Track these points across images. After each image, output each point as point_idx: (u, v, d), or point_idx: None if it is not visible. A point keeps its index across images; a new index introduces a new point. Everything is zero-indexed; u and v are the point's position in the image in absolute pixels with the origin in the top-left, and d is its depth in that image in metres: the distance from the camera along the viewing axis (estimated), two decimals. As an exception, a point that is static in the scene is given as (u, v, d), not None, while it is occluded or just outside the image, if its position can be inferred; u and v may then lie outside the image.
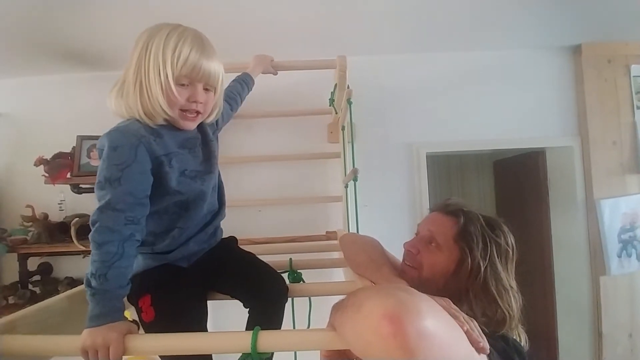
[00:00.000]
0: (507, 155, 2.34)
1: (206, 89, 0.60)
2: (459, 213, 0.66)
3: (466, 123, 1.70)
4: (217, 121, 0.72)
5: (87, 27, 1.30)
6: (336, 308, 0.43)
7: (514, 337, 0.61)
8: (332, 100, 1.46)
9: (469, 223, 0.64)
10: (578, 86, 1.70)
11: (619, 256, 1.64)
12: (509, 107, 1.70)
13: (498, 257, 0.62)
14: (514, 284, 0.63)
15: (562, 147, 1.75)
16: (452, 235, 0.65)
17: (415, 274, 0.66)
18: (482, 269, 0.61)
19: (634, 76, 1.67)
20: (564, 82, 1.72)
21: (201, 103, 0.59)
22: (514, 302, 0.61)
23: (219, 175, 0.70)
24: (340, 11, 1.30)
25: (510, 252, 0.64)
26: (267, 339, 0.45)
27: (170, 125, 0.59)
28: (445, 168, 2.93)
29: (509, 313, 0.59)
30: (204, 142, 0.66)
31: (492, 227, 0.65)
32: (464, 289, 0.61)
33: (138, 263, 0.62)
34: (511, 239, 0.65)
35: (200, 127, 0.65)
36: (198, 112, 0.60)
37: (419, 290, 0.36)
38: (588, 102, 1.67)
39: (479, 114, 1.70)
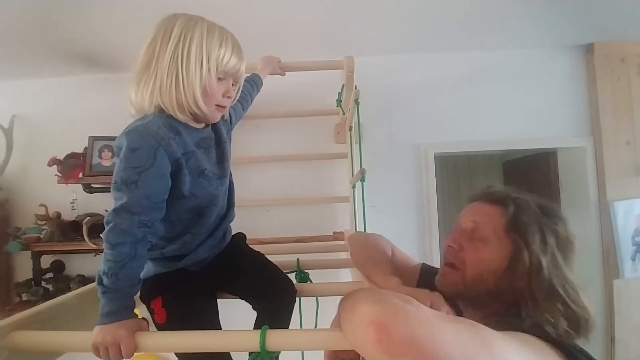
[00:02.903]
0: (517, 155, 2.31)
1: (233, 85, 0.61)
2: (506, 200, 0.57)
3: (475, 123, 1.68)
4: (230, 119, 0.73)
5: (98, 29, 1.32)
6: (341, 305, 0.44)
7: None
8: (339, 101, 1.46)
9: (520, 211, 0.55)
10: (590, 85, 1.67)
11: (633, 259, 1.60)
12: (519, 107, 1.68)
13: (559, 250, 0.53)
14: (574, 278, 0.53)
15: (574, 147, 1.71)
16: (501, 226, 0.56)
17: (457, 277, 0.57)
18: (545, 263, 0.51)
19: (648, 75, 1.63)
20: (576, 82, 1.68)
21: (231, 98, 0.61)
22: (586, 301, 0.51)
23: (231, 175, 0.70)
24: (347, 12, 1.30)
25: (572, 244, 0.55)
26: (276, 338, 0.45)
27: (188, 125, 0.59)
28: (454, 169, 2.90)
29: (586, 314, 0.50)
30: (217, 142, 0.65)
31: (549, 214, 0.56)
32: (522, 289, 0.52)
33: (149, 268, 0.62)
34: (569, 227, 0.56)
35: (214, 126, 0.65)
36: (224, 107, 0.61)
37: (466, 295, 0.35)
38: (601, 101, 1.63)
39: (488, 114, 1.68)
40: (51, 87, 1.72)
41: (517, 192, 0.60)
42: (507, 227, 0.55)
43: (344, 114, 1.46)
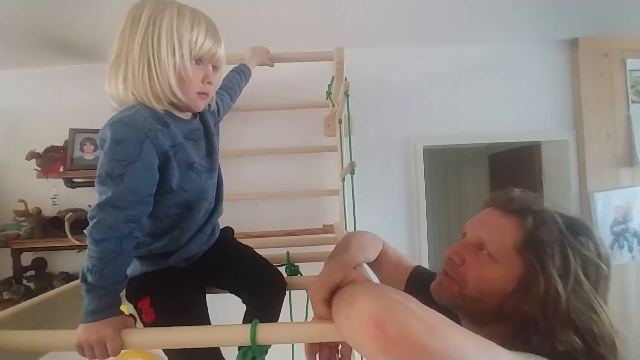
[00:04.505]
0: (503, 148, 2.35)
1: (214, 69, 0.58)
2: (525, 212, 0.50)
3: (463, 117, 1.70)
4: (218, 110, 0.71)
5: (79, 18, 1.26)
6: (337, 296, 0.43)
7: None
8: (329, 93, 1.45)
9: (540, 227, 0.48)
10: (574, 80, 1.71)
11: (612, 248, 1.66)
12: (505, 101, 1.71)
13: (584, 275, 0.46)
14: (607, 309, 0.46)
15: (557, 140, 1.76)
16: (513, 244, 0.49)
17: (455, 288, 0.52)
18: (563, 293, 0.44)
19: (629, 70, 1.68)
20: (561, 76, 1.72)
21: (212, 84, 0.58)
22: (612, 335, 0.44)
23: (219, 169, 0.68)
24: (338, 3, 1.28)
25: (604, 268, 0.47)
26: (266, 331, 0.45)
27: (175, 115, 0.57)
28: (442, 161, 2.94)
29: (604, 351, 0.43)
30: (206, 134, 0.64)
31: (576, 232, 0.47)
32: (531, 316, 0.46)
33: (136, 267, 0.61)
34: (604, 248, 0.48)
35: (202, 117, 0.63)
36: (207, 94, 0.58)
37: (463, 310, 0.33)
38: (584, 95, 1.67)
39: (475, 107, 1.70)
40: (29, 77, 1.64)
41: (540, 203, 0.52)
42: (521, 245, 0.48)
43: (333, 106, 1.45)
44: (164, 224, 0.58)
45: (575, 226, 0.48)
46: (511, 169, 2.28)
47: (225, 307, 0.72)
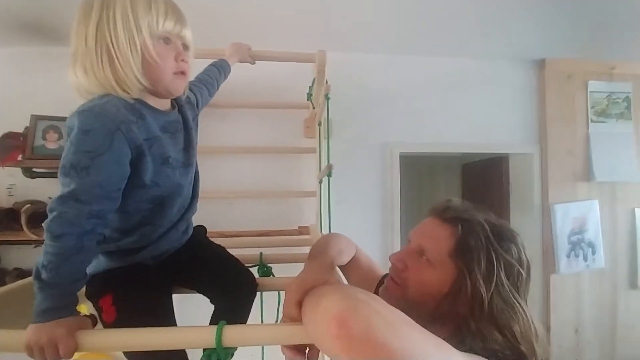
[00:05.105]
0: (474, 159, 2.46)
1: (184, 49, 0.56)
2: (457, 221, 0.54)
3: (438, 126, 1.76)
4: (197, 104, 0.69)
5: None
6: (305, 298, 0.43)
7: None
8: (310, 95, 1.45)
9: (469, 234, 0.52)
10: (540, 98, 1.82)
11: (568, 256, 1.78)
12: (478, 113, 1.79)
13: (507, 278, 0.50)
14: (527, 309, 0.50)
15: (523, 153, 1.86)
16: (447, 250, 0.53)
17: (398, 292, 0.56)
18: (486, 294, 0.49)
19: (590, 91, 1.81)
20: (529, 93, 1.83)
21: (187, 62, 0.56)
22: (530, 334, 0.48)
23: (197, 165, 0.66)
24: (324, 6, 1.29)
25: (524, 271, 0.51)
26: (232, 333, 0.44)
27: (151, 106, 0.55)
28: (417, 169, 3.02)
29: (524, 348, 0.47)
30: (185, 127, 0.61)
31: (500, 238, 0.52)
32: (463, 316, 0.50)
33: (100, 263, 0.58)
34: (525, 254, 0.53)
35: (181, 109, 0.61)
36: (184, 73, 0.56)
37: (405, 312, 0.35)
38: (548, 113, 1.79)
39: (450, 118, 1.77)
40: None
41: (472, 211, 0.55)
42: (453, 251, 0.52)
43: (314, 108, 1.45)
44: (134, 219, 0.56)
45: (501, 233, 0.52)
46: (482, 179, 2.39)
47: (196, 309, 0.70)
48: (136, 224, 0.57)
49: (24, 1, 1.21)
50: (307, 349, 0.48)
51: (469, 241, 0.51)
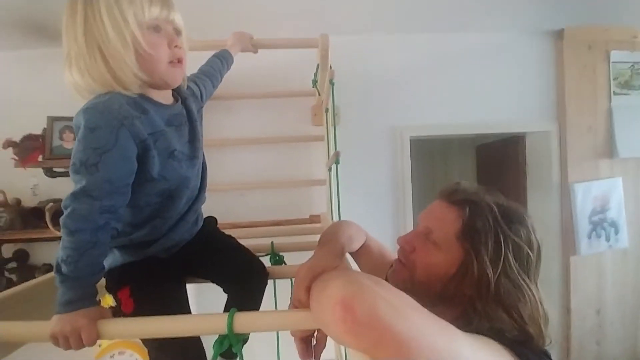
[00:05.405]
0: (490, 140, 2.39)
1: (177, 34, 0.55)
2: (464, 204, 0.53)
3: (449, 107, 1.71)
4: (201, 96, 0.69)
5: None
6: (315, 282, 0.43)
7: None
8: (315, 82, 1.43)
9: (476, 216, 0.51)
10: (558, 71, 1.73)
11: (589, 237, 1.73)
12: (491, 91, 1.72)
13: (515, 260, 0.49)
14: (537, 292, 0.50)
15: (540, 131, 1.79)
16: (454, 232, 0.53)
17: (406, 274, 0.56)
18: (492, 276, 0.48)
19: (613, 62, 1.71)
20: (546, 67, 1.73)
21: (181, 48, 0.55)
22: (538, 315, 0.49)
23: (204, 157, 0.67)
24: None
25: (533, 254, 0.51)
26: (243, 320, 0.45)
27: (154, 100, 0.55)
28: (429, 152, 2.97)
29: (531, 330, 0.48)
30: (189, 120, 0.61)
31: (510, 220, 0.51)
32: (469, 298, 0.50)
33: (116, 258, 0.60)
34: (535, 236, 0.52)
35: (185, 102, 0.61)
36: (180, 61, 0.55)
37: (412, 294, 0.35)
38: (567, 87, 1.70)
39: (462, 97, 1.71)
40: (5, 61, 1.57)
41: (481, 194, 0.55)
42: (460, 234, 0.52)
43: (319, 95, 1.43)
44: (144, 213, 0.57)
45: (510, 215, 0.52)
46: (497, 160, 2.32)
47: (212, 298, 0.72)
48: (146, 218, 0.58)
49: (33, 4, 1.24)
50: (315, 334, 0.49)
51: (476, 223, 0.51)
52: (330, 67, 1.05)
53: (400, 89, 1.69)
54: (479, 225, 0.51)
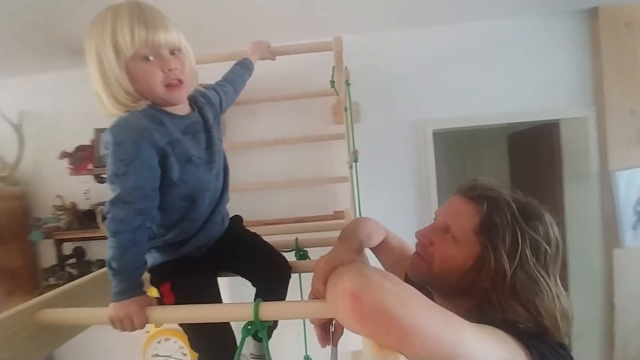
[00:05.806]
0: (521, 127, 2.28)
1: (173, 54, 0.57)
2: (482, 199, 0.55)
3: (475, 97, 1.66)
4: (220, 103, 0.74)
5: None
6: (329, 278, 0.47)
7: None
8: (332, 82, 1.46)
9: (494, 212, 0.53)
10: (594, 52, 1.61)
11: (635, 228, 1.61)
12: (521, 78, 1.64)
13: (532, 255, 0.51)
14: (555, 286, 0.51)
15: (576, 117, 1.68)
16: (472, 227, 0.54)
17: (424, 267, 0.59)
18: (509, 270, 0.50)
19: (657, 38, 1.57)
20: (579, 49, 1.63)
21: (177, 69, 0.57)
22: (554, 309, 0.49)
23: (225, 158, 0.71)
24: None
25: (551, 249, 0.52)
26: (268, 309, 0.51)
27: (170, 112, 0.60)
28: (457, 144, 2.88)
29: (547, 322, 0.49)
30: (205, 128, 0.65)
31: (528, 216, 0.52)
32: (485, 290, 0.52)
33: (156, 258, 0.67)
34: (554, 231, 0.53)
35: (201, 111, 0.66)
36: (180, 81, 0.58)
37: (430, 286, 0.38)
38: (605, 68, 1.58)
39: (488, 86, 1.65)
40: (56, 81, 1.76)
41: (499, 190, 0.56)
42: (478, 229, 0.54)
43: (337, 95, 1.46)
44: (172, 216, 0.63)
45: (528, 211, 0.53)
46: (531, 149, 2.21)
47: (243, 290, 0.79)
48: (175, 220, 0.64)
49: (77, 31, 1.38)
50: (333, 322, 0.53)
51: (494, 219, 0.53)
52: (346, 68, 1.07)
53: (423, 82, 1.67)
54: (497, 221, 0.52)
